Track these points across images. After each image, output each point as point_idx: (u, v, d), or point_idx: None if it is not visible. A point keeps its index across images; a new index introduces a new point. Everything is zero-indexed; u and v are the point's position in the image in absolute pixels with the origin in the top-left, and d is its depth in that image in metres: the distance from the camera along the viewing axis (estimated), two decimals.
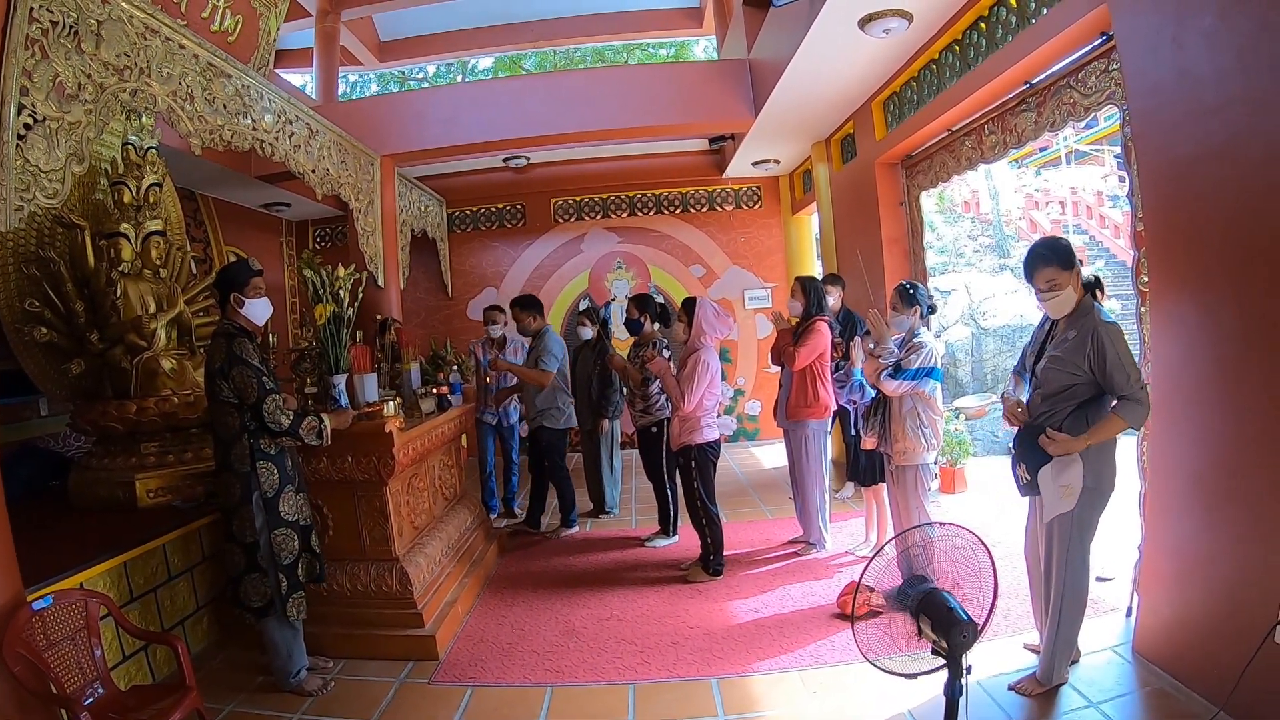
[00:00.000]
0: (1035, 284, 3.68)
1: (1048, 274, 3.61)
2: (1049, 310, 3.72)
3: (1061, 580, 3.72)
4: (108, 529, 4.97)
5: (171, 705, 3.38)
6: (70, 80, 3.87)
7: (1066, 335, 3.63)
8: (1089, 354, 3.51)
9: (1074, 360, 3.57)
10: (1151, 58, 3.72)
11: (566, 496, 7.47)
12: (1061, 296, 3.61)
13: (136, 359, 5.74)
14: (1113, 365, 3.46)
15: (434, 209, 11.29)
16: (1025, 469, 3.75)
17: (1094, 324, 3.55)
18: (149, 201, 6.04)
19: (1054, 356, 3.67)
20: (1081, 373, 3.56)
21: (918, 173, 7.38)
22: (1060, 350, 3.64)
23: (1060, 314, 3.68)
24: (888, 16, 5.65)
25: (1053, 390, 3.68)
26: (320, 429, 4.23)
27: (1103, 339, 3.50)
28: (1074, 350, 3.57)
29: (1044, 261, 3.63)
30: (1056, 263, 3.59)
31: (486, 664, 4.64)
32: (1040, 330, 3.96)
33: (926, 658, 2.88)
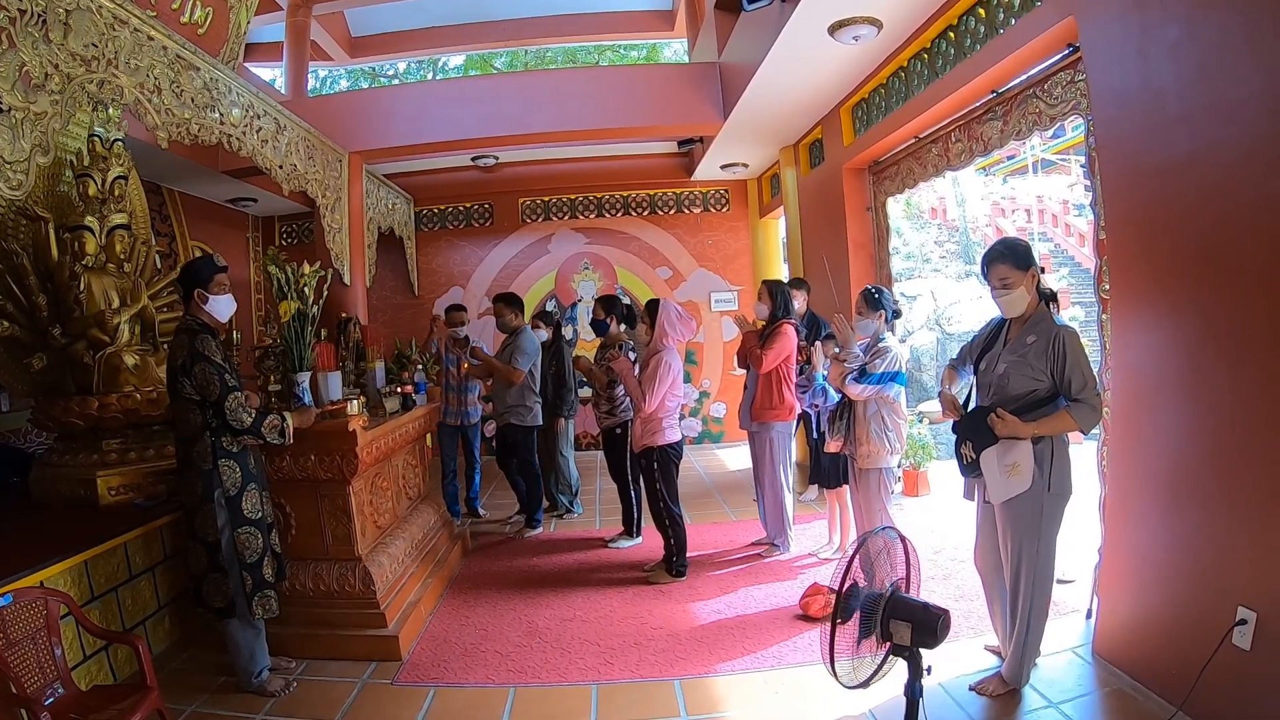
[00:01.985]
0: (989, 281, 3.76)
1: (1001, 271, 3.68)
2: (1005, 308, 3.77)
3: (1030, 584, 3.74)
4: (69, 527, 4.92)
5: (132, 706, 3.35)
6: (37, 70, 3.82)
7: (1025, 339, 3.68)
8: (1050, 356, 3.57)
9: (1038, 365, 3.60)
10: (1117, 69, 3.77)
11: (534, 495, 7.47)
12: (1013, 295, 3.68)
13: (99, 354, 5.68)
14: (1071, 368, 3.52)
15: (401, 207, 11.25)
16: (971, 447, 3.79)
17: (1054, 328, 3.61)
18: (114, 194, 5.98)
19: (1015, 360, 3.68)
20: (1044, 377, 3.60)
21: (884, 179, 7.43)
22: (1020, 354, 3.67)
23: (1013, 313, 3.75)
24: (858, 23, 5.69)
25: (1014, 394, 3.67)
26: (283, 427, 4.21)
27: (1064, 341, 3.56)
28: (1038, 355, 3.61)
29: (999, 259, 3.71)
30: (1011, 261, 3.67)
31: (449, 664, 4.63)
32: (988, 331, 4.04)
33: (871, 661, 2.91)
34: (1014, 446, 3.62)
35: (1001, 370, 3.73)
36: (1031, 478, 3.62)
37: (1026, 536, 3.71)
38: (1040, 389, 3.63)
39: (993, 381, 3.79)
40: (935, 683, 3.86)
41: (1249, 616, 3.14)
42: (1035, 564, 3.73)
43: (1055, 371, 3.58)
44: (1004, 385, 3.71)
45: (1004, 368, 3.72)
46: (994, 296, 3.77)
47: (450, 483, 7.88)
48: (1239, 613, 3.17)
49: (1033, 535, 3.70)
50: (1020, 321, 3.77)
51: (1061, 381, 3.57)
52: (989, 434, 3.67)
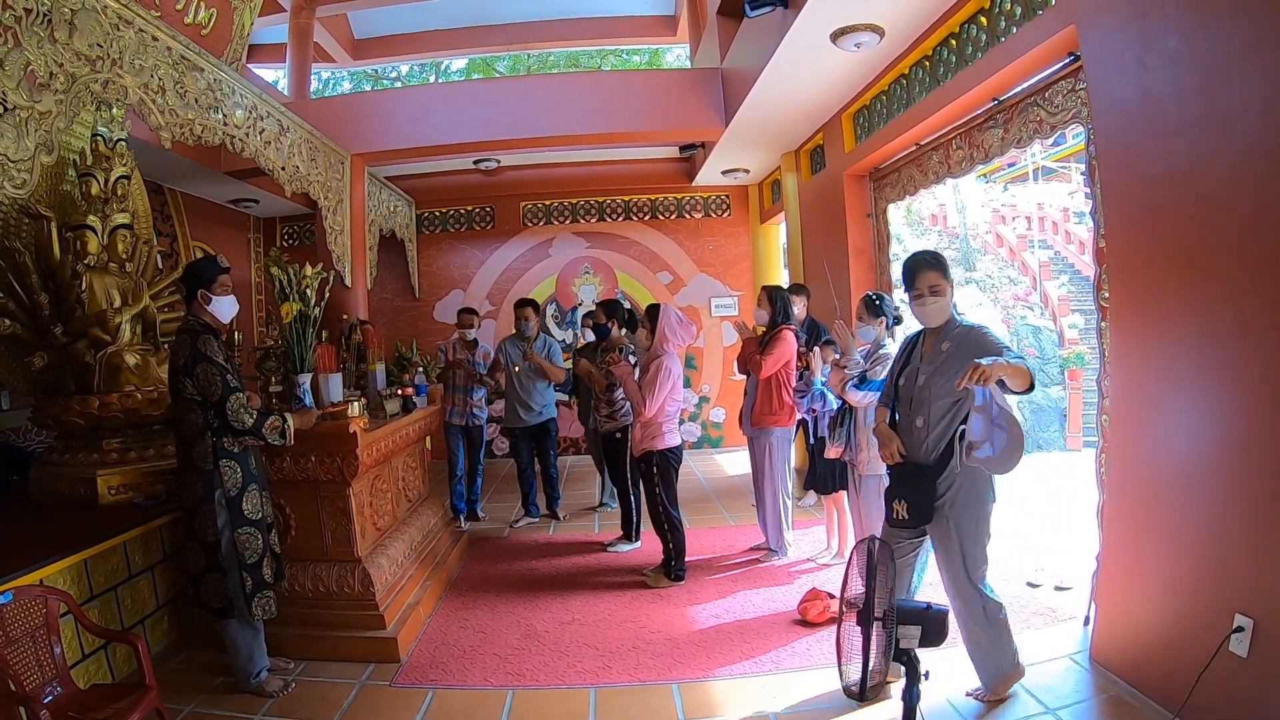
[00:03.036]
0: (917, 288, 3.72)
1: (932, 278, 3.69)
2: (928, 316, 3.75)
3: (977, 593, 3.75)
4: (68, 525, 4.92)
5: (131, 705, 3.35)
6: (42, 69, 3.83)
7: (940, 348, 3.72)
8: (980, 345, 3.54)
9: (958, 369, 3.47)
10: (1117, 78, 3.78)
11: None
12: (943, 303, 3.71)
13: (100, 354, 5.68)
14: (995, 344, 3.54)
15: (403, 209, 11.26)
16: (906, 506, 3.70)
17: (968, 326, 3.73)
18: (117, 194, 5.99)
19: (935, 370, 3.70)
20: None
21: (885, 185, 7.44)
22: (938, 363, 3.70)
23: (936, 321, 3.76)
24: (860, 31, 5.70)
25: (938, 402, 3.69)
26: (283, 428, 4.22)
27: (979, 331, 3.68)
28: (956, 359, 3.59)
29: (929, 266, 3.72)
30: (940, 270, 3.71)
31: (448, 666, 4.63)
32: (902, 353, 4.03)
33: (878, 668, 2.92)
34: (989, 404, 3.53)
35: (922, 382, 3.74)
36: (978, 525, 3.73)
37: (962, 552, 3.71)
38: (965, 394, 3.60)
39: (914, 395, 3.79)
40: (932, 688, 3.87)
41: (1246, 624, 3.14)
42: (979, 575, 3.76)
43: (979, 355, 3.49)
44: (925, 397, 3.73)
45: (924, 379, 3.73)
46: (918, 305, 3.76)
47: (458, 483, 7.90)
48: (1236, 620, 3.17)
49: (973, 550, 3.73)
50: (935, 333, 3.81)
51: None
52: (928, 487, 3.65)
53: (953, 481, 3.66)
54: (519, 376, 7.62)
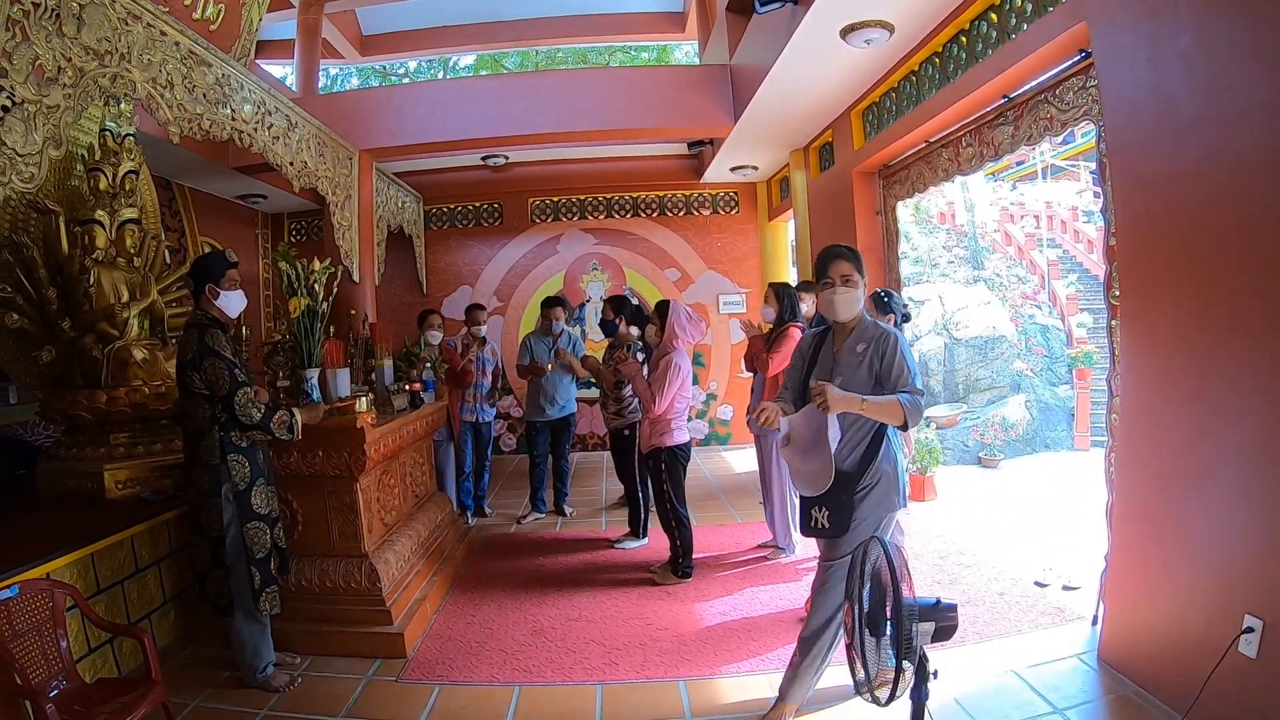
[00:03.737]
0: (829, 276, 3.62)
1: (844, 267, 3.60)
2: (838, 307, 3.63)
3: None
4: (75, 520, 4.92)
5: (137, 699, 3.36)
6: (50, 64, 3.83)
7: (855, 349, 3.63)
8: (884, 355, 3.54)
9: (876, 371, 3.57)
10: (1128, 75, 3.77)
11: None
12: (853, 295, 3.61)
13: (108, 348, 5.70)
14: (899, 366, 3.50)
15: (411, 205, 11.25)
16: (826, 514, 3.59)
17: (883, 330, 3.63)
18: (125, 189, 6.00)
19: (854, 374, 3.59)
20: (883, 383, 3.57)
21: (894, 182, 7.42)
22: (853, 363, 3.61)
23: (847, 314, 3.65)
24: (869, 27, 5.68)
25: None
26: (291, 423, 4.22)
27: (895, 340, 3.57)
28: (871, 360, 3.57)
29: (842, 256, 3.63)
30: (853, 261, 3.62)
31: (454, 662, 4.64)
32: (809, 349, 3.91)
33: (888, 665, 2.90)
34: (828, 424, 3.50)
35: (837, 384, 3.53)
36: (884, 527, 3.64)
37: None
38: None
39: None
40: (940, 687, 3.86)
41: (1256, 625, 3.13)
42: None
43: (884, 369, 3.54)
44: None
45: (839, 382, 3.55)
46: (830, 295, 3.64)
47: (466, 480, 7.90)
48: (1246, 621, 3.16)
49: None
50: (846, 330, 3.71)
51: (886, 377, 3.53)
52: (845, 492, 3.56)
53: (870, 486, 3.61)
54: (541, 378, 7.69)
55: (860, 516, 3.57)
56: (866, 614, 2.95)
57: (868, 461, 3.59)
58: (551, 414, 7.79)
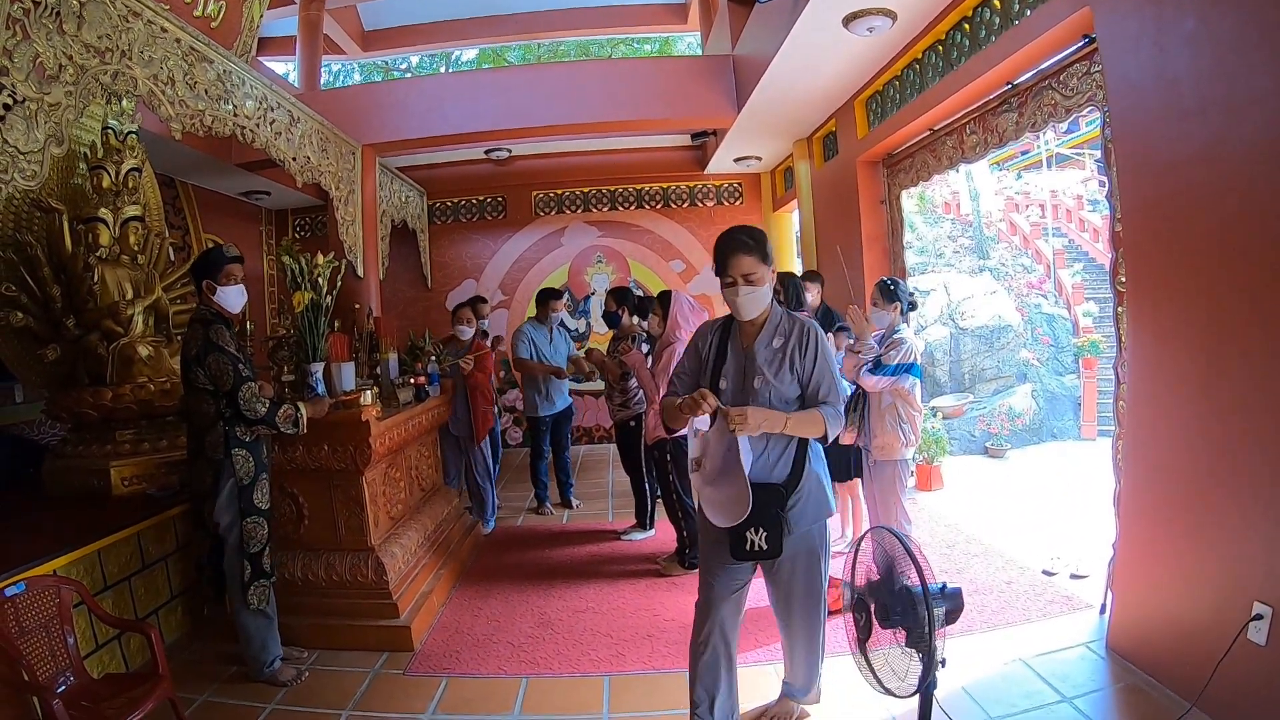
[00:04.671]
0: (730, 274, 3.21)
1: (747, 264, 3.19)
2: (742, 308, 3.24)
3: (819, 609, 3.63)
4: (82, 517, 4.93)
5: (144, 694, 3.36)
6: (51, 61, 3.83)
7: (772, 345, 3.28)
8: (805, 352, 3.25)
9: (797, 368, 3.26)
10: (1133, 60, 3.75)
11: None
12: (759, 292, 3.22)
13: (113, 345, 5.70)
14: (822, 369, 3.25)
15: (414, 200, 11.25)
16: (765, 535, 3.20)
17: (798, 321, 3.34)
18: (128, 187, 6.00)
19: (777, 373, 3.25)
20: (797, 385, 3.28)
21: (899, 171, 7.40)
22: (774, 362, 3.26)
23: (753, 313, 3.27)
24: (872, 15, 5.65)
25: (784, 409, 3.24)
26: (296, 418, 4.23)
27: (816, 335, 3.28)
28: (792, 356, 3.26)
29: (744, 249, 3.21)
30: (758, 253, 3.21)
31: (461, 655, 4.64)
32: (710, 345, 3.47)
33: (902, 656, 2.90)
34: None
35: (759, 386, 3.23)
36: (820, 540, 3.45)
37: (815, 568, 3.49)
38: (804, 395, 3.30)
39: (750, 402, 3.24)
40: (946, 676, 3.85)
41: (1265, 612, 3.12)
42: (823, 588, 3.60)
43: (803, 373, 3.25)
44: (765, 404, 3.23)
45: (760, 383, 3.24)
46: (729, 293, 3.25)
47: None
48: (1255, 608, 3.16)
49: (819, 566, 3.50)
50: (755, 326, 3.35)
51: (809, 384, 3.26)
52: (774, 506, 3.21)
53: (802, 497, 3.30)
54: (547, 360, 7.67)
55: (797, 531, 3.29)
56: (876, 605, 2.94)
57: (799, 470, 3.27)
58: (552, 409, 7.78)
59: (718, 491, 3.19)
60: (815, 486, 3.34)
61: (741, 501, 3.06)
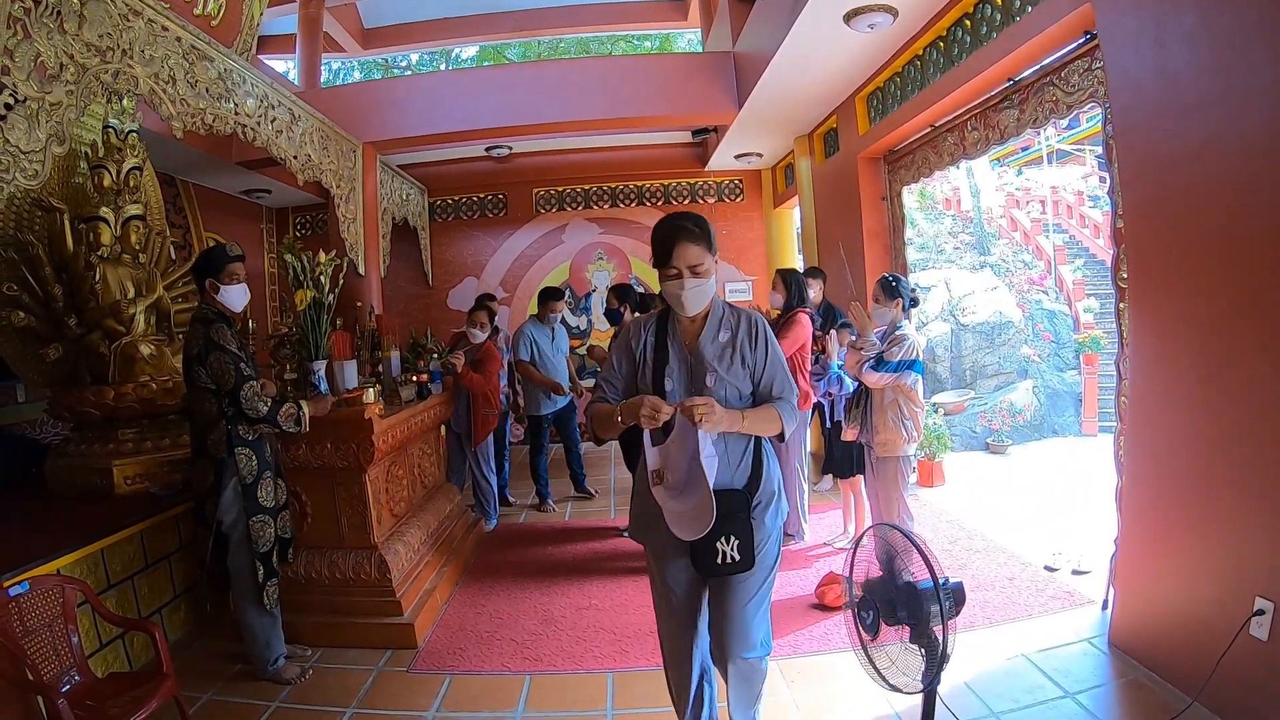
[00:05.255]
0: (675, 265, 2.85)
1: (694, 253, 2.84)
2: (688, 302, 2.89)
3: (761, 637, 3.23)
4: (85, 516, 4.95)
5: (148, 693, 3.36)
6: (52, 60, 3.83)
7: (719, 340, 2.98)
8: (755, 345, 2.99)
9: (748, 362, 2.99)
10: (1133, 56, 3.75)
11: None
12: (706, 284, 2.89)
13: (115, 344, 5.71)
14: (774, 363, 3.01)
15: (415, 197, 11.26)
16: (737, 544, 2.87)
17: (748, 314, 3.07)
18: (129, 185, 6.01)
19: (728, 368, 2.96)
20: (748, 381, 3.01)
21: (900, 168, 7.40)
22: (723, 359, 2.96)
23: (700, 307, 2.94)
24: (873, 11, 5.65)
25: (738, 406, 2.97)
26: (298, 416, 4.23)
27: (763, 326, 3.03)
28: (741, 349, 2.98)
29: (690, 238, 2.86)
30: (705, 242, 2.87)
31: (465, 652, 4.65)
32: (643, 342, 3.12)
33: (902, 650, 2.90)
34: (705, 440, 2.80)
35: (712, 384, 2.92)
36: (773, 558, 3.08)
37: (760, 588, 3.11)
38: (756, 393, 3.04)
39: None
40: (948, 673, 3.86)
41: (1267, 607, 3.12)
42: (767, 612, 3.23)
43: (754, 367, 2.99)
44: (719, 401, 2.84)
45: (713, 380, 2.93)
46: (672, 287, 2.89)
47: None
48: (1257, 603, 3.16)
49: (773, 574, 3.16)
50: (697, 321, 3.03)
51: (761, 379, 3.01)
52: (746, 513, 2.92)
53: (764, 500, 3.02)
54: (549, 361, 7.73)
55: (764, 535, 2.99)
56: (882, 600, 2.93)
57: (759, 470, 3.00)
58: (553, 406, 7.86)
59: (683, 502, 2.84)
60: (775, 485, 3.09)
61: (705, 511, 2.73)
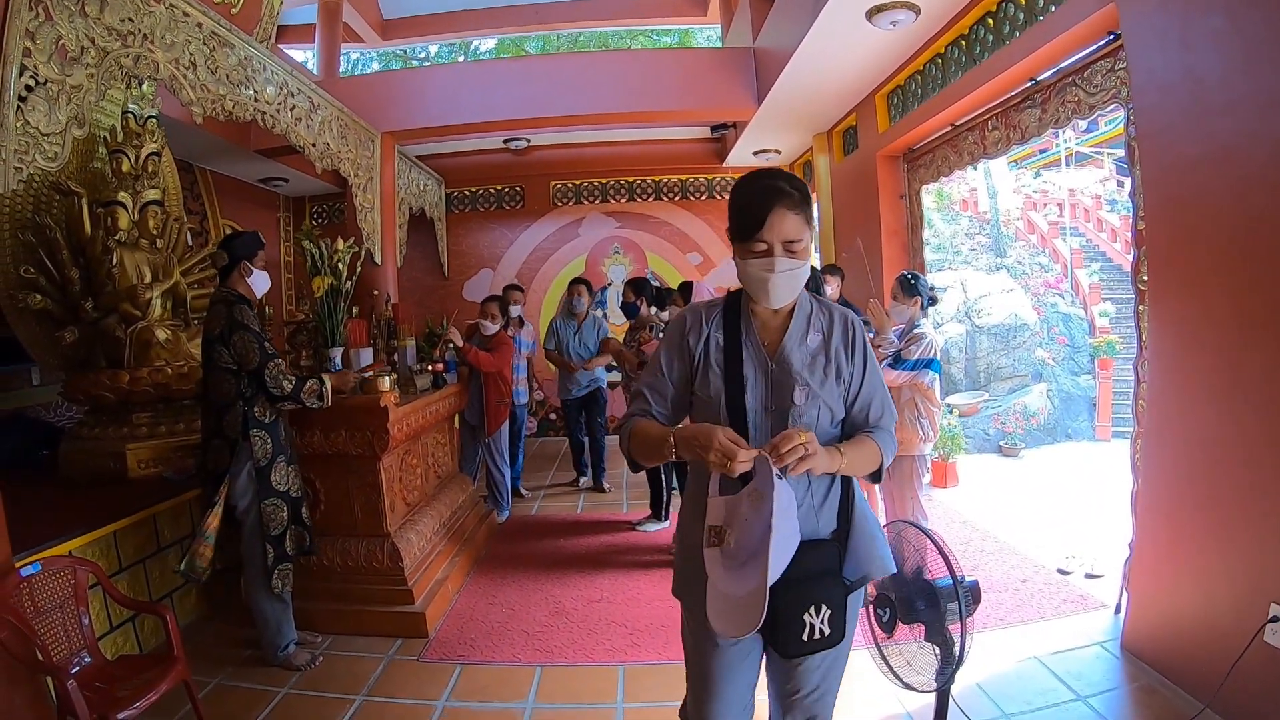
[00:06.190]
0: (764, 238, 2.11)
1: (793, 225, 2.10)
2: (779, 290, 2.15)
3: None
4: (98, 499, 4.95)
5: (159, 676, 3.36)
6: (73, 43, 3.85)
7: (807, 342, 2.26)
8: (855, 355, 2.28)
9: (844, 376, 2.26)
10: (1159, 57, 3.72)
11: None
12: (803, 269, 2.16)
13: (130, 329, 5.71)
14: (872, 378, 2.29)
15: (432, 188, 11.26)
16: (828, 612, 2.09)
17: (841, 313, 2.35)
18: (147, 171, 6.01)
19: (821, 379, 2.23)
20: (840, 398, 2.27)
21: (919, 166, 7.37)
22: (817, 368, 2.24)
23: (789, 298, 2.21)
24: (896, 8, 5.62)
25: (827, 430, 2.24)
26: (321, 391, 4.28)
27: (864, 334, 2.33)
28: (836, 359, 2.26)
29: (790, 203, 2.10)
30: (806, 211, 2.14)
31: (476, 642, 4.65)
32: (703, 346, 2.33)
33: (918, 648, 2.89)
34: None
35: (800, 401, 2.18)
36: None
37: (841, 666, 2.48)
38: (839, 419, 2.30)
39: (787, 418, 2.18)
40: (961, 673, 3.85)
41: None
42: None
43: (850, 385, 2.27)
44: (808, 421, 2.20)
45: (803, 395, 2.19)
46: (762, 271, 2.14)
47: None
48: (1272, 610, 3.14)
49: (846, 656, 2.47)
50: (779, 316, 2.30)
51: (858, 400, 2.28)
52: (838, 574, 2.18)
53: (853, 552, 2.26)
54: (570, 351, 7.91)
55: (858, 596, 2.32)
56: (898, 598, 2.92)
57: (847, 513, 2.26)
58: (576, 392, 8.04)
59: (738, 584, 1.96)
60: (874, 529, 2.35)
61: (755, 606, 1.87)
